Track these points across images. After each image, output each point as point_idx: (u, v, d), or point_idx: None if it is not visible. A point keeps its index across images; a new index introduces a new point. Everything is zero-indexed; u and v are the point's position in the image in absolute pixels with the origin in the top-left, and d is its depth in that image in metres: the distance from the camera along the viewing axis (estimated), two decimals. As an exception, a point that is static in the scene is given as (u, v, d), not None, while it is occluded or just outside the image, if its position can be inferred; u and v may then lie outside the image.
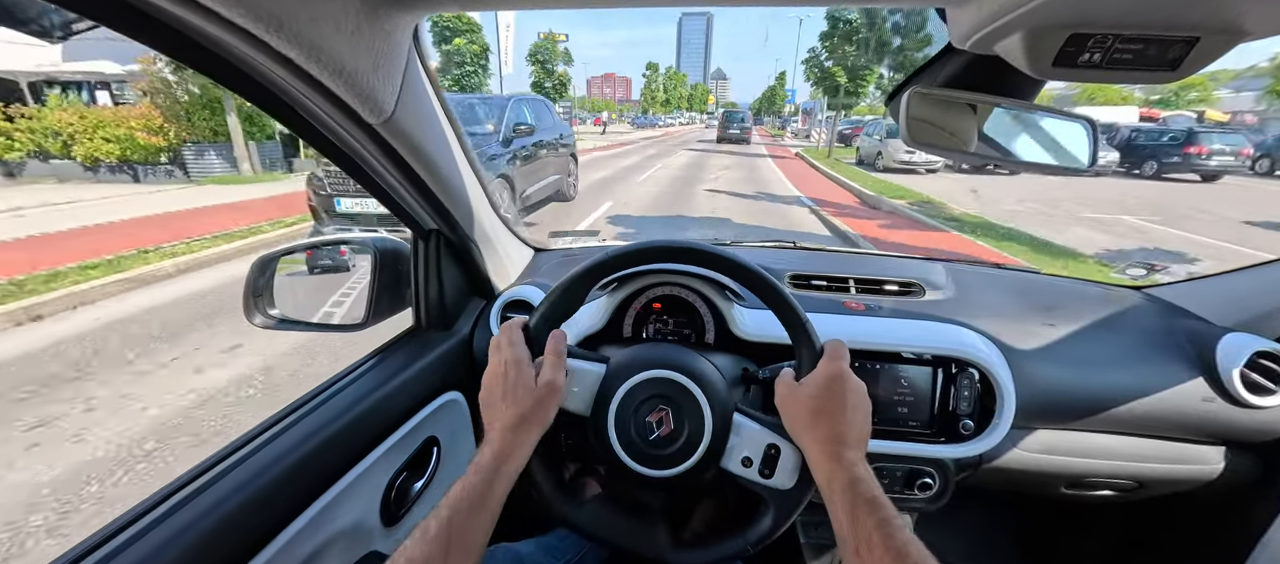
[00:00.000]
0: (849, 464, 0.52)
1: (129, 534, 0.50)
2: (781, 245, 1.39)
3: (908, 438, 0.91)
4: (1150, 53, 0.44)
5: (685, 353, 0.70)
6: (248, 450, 0.64)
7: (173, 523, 0.52)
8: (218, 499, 0.56)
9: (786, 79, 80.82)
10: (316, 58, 0.43)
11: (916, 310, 1.01)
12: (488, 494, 0.51)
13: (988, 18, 0.44)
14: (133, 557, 0.48)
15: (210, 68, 0.43)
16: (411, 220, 0.83)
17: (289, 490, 0.63)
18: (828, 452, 0.54)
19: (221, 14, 0.35)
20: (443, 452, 0.92)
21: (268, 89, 0.48)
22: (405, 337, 0.95)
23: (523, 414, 0.57)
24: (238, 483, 0.58)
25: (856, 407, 0.57)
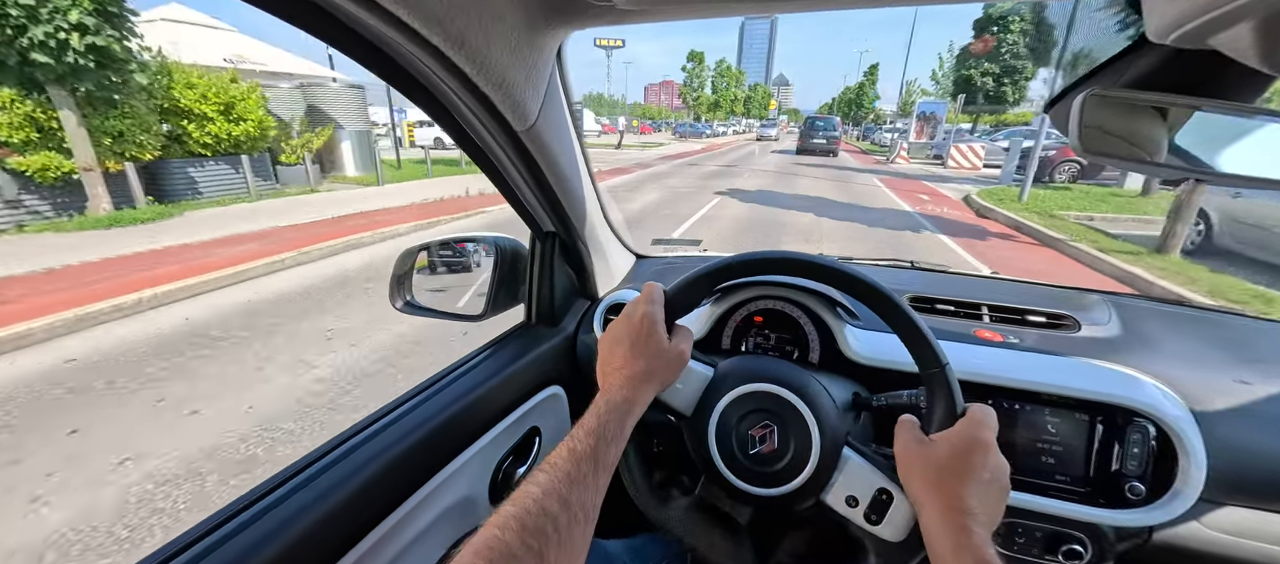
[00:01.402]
0: (979, 542, 0.46)
1: (277, 495, 0.57)
2: (897, 265, 1.29)
3: (1053, 494, 0.79)
4: None
5: (798, 371, 0.67)
6: (378, 427, 0.71)
7: (316, 487, 0.59)
8: (353, 469, 0.63)
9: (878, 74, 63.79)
10: (484, 71, 0.48)
11: (1069, 348, 0.88)
12: (619, 430, 0.52)
13: (1205, 6, 0.37)
14: (281, 515, 0.55)
15: (392, 75, 0.50)
16: (533, 221, 0.89)
17: (413, 465, 0.69)
18: (953, 521, 0.48)
19: (418, 30, 0.41)
20: (543, 441, 0.97)
21: (432, 94, 0.54)
22: (517, 331, 1.02)
23: (651, 369, 0.57)
24: (370, 455, 0.65)
25: (995, 485, 0.51)
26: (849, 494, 0.59)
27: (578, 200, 0.85)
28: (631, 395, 0.55)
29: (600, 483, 0.47)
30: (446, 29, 0.42)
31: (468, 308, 1.02)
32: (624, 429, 0.53)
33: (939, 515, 0.49)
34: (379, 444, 0.67)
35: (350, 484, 0.61)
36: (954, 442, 0.52)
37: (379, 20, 0.41)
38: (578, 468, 0.46)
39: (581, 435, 0.49)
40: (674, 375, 0.62)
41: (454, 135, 0.63)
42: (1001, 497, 0.52)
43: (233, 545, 0.51)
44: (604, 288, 1.12)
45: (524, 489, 0.43)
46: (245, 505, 0.56)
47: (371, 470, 0.63)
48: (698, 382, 0.66)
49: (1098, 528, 0.80)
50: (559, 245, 0.96)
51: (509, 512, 0.40)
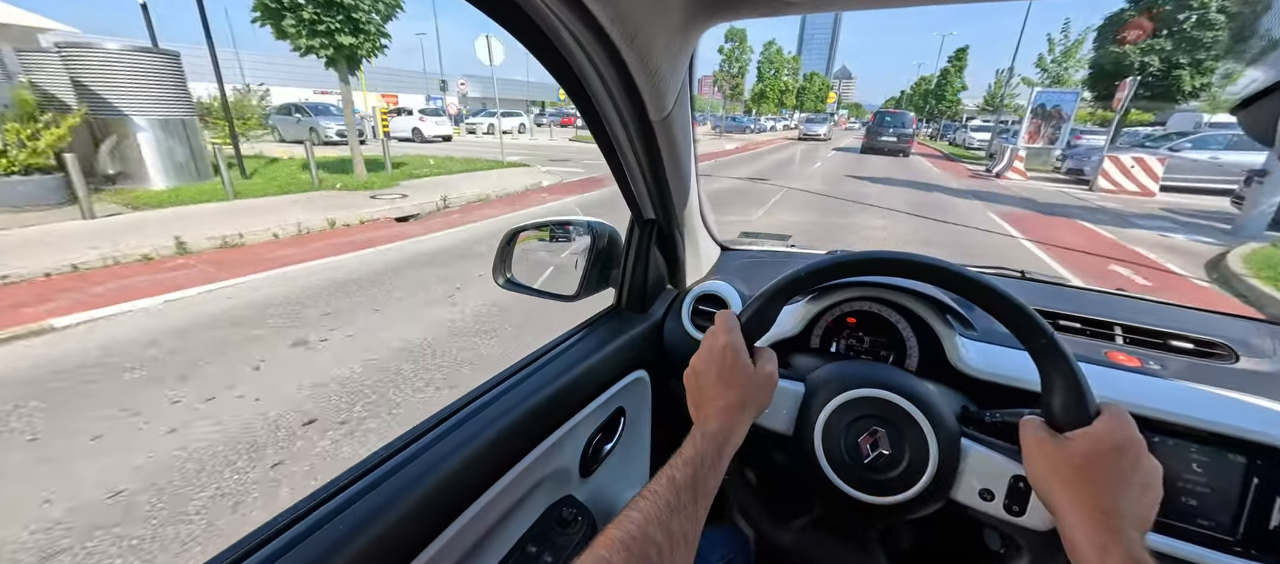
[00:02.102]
0: (1132, 544, 0.43)
1: (381, 472, 0.61)
2: (1003, 273, 1.19)
3: (1193, 539, 0.71)
4: None
5: (895, 372, 0.65)
6: (485, 401, 0.76)
7: (429, 457, 0.63)
8: (463, 440, 0.67)
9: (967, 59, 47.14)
10: (644, 62, 0.49)
11: (1225, 380, 0.77)
12: (717, 461, 0.53)
13: None
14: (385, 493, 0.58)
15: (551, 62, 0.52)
16: (637, 207, 0.91)
17: (514, 439, 0.74)
18: (1100, 526, 0.45)
19: (602, 25, 0.42)
20: (627, 421, 1.00)
21: (581, 80, 0.56)
22: (607, 314, 1.05)
23: (744, 398, 0.58)
24: (475, 431, 0.69)
25: (1147, 487, 0.47)
26: (982, 488, 0.57)
27: (683, 190, 0.86)
28: (728, 423, 0.56)
29: (700, 512, 0.48)
30: (625, 24, 0.43)
31: (561, 288, 1.06)
32: (722, 458, 0.53)
33: (1085, 517, 0.46)
34: (484, 419, 0.72)
35: (462, 454, 0.65)
36: (1099, 439, 0.48)
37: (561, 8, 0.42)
38: (678, 498, 0.47)
39: (680, 465, 0.50)
40: (767, 399, 0.61)
41: (589, 120, 0.65)
42: (1155, 503, 0.47)
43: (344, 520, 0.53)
44: (691, 278, 1.13)
45: (627, 515, 0.45)
46: (355, 478, 0.60)
47: (477, 444, 0.68)
48: (791, 399, 0.66)
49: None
50: (656, 233, 0.97)
51: (615, 536, 0.42)
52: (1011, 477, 0.55)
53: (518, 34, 0.49)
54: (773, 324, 0.66)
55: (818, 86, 76.49)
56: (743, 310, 0.66)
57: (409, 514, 0.57)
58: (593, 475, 0.92)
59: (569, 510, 0.84)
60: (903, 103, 76.12)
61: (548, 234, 1.09)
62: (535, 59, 0.53)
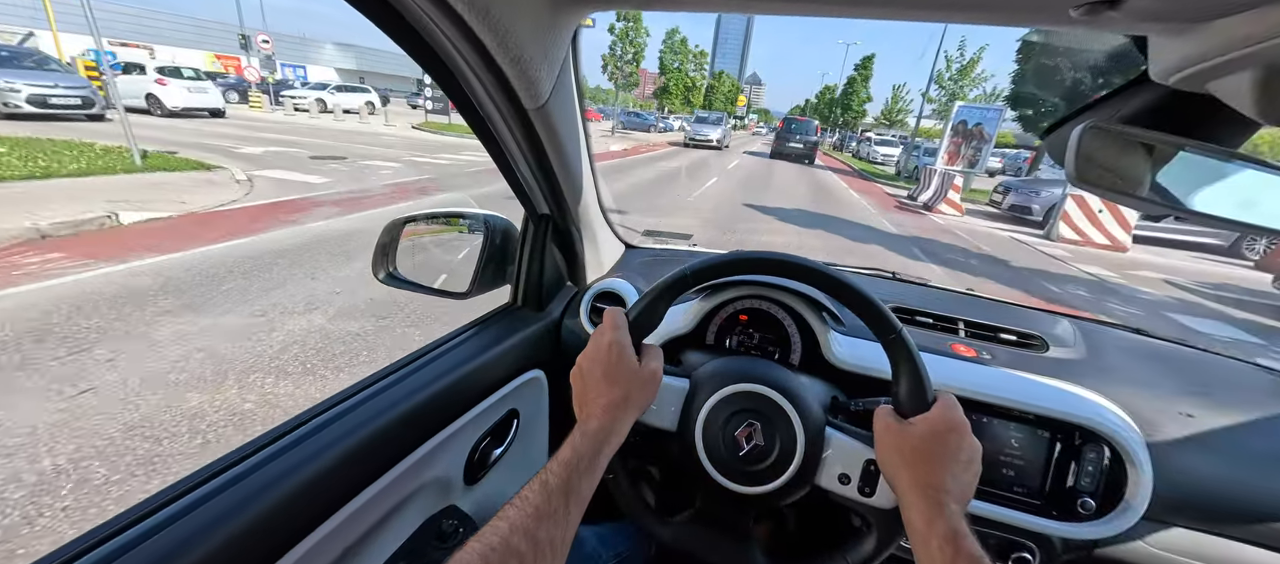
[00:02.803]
0: (952, 515, 0.49)
1: (240, 470, 0.55)
2: (878, 274, 1.32)
3: (1009, 504, 0.83)
4: None
5: (772, 367, 0.69)
6: (358, 400, 0.69)
7: (289, 459, 0.57)
8: (330, 441, 0.61)
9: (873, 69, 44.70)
10: (504, 44, 0.46)
11: (1038, 366, 0.91)
12: (595, 461, 0.53)
13: (1209, 53, 0.39)
14: (242, 492, 0.53)
15: (411, 44, 0.48)
16: (529, 202, 0.88)
17: (390, 442, 0.68)
18: (930, 498, 0.51)
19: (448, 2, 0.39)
20: (521, 424, 0.96)
21: (445, 63, 0.52)
22: (501, 312, 1.01)
23: (627, 395, 0.58)
24: (353, 426, 0.64)
25: (970, 464, 0.54)
26: (841, 472, 0.61)
27: (576, 185, 0.84)
28: (608, 424, 0.56)
29: (572, 516, 0.47)
30: (474, 7, 0.40)
31: (451, 285, 1.00)
32: (600, 457, 0.53)
33: (918, 492, 0.52)
34: (358, 417, 0.65)
35: (326, 456, 0.59)
36: (934, 424, 0.55)
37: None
38: (549, 502, 0.46)
39: (555, 468, 0.49)
40: (650, 397, 0.62)
41: (461, 108, 0.61)
42: (975, 477, 0.54)
43: (196, 517, 0.49)
44: (592, 276, 1.12)
45: (492, 524, 0.43)
46: (211, 475, 0.54)
47: (349, 444, 0.62)
48: (676, 396, 0.67)
49: (1048, 539, 0.84)
50: (552, 229, 0.95)
51: (475, 548, 0.40)
52: (864, 461, 0.60)
53: (371, 15, 0.45)
54: (661, 321, 0.67)
55: (728, 87, 69.29)
56: (631, 308, 0.66)
57: (260, 522, 0.51)
58: (480, 483, 0.87)
59: (450, 522, 0.79)
60: (807, 111, 75.75)
61: (437, 227, 1.01)
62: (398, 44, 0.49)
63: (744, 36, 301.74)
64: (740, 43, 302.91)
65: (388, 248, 0.94)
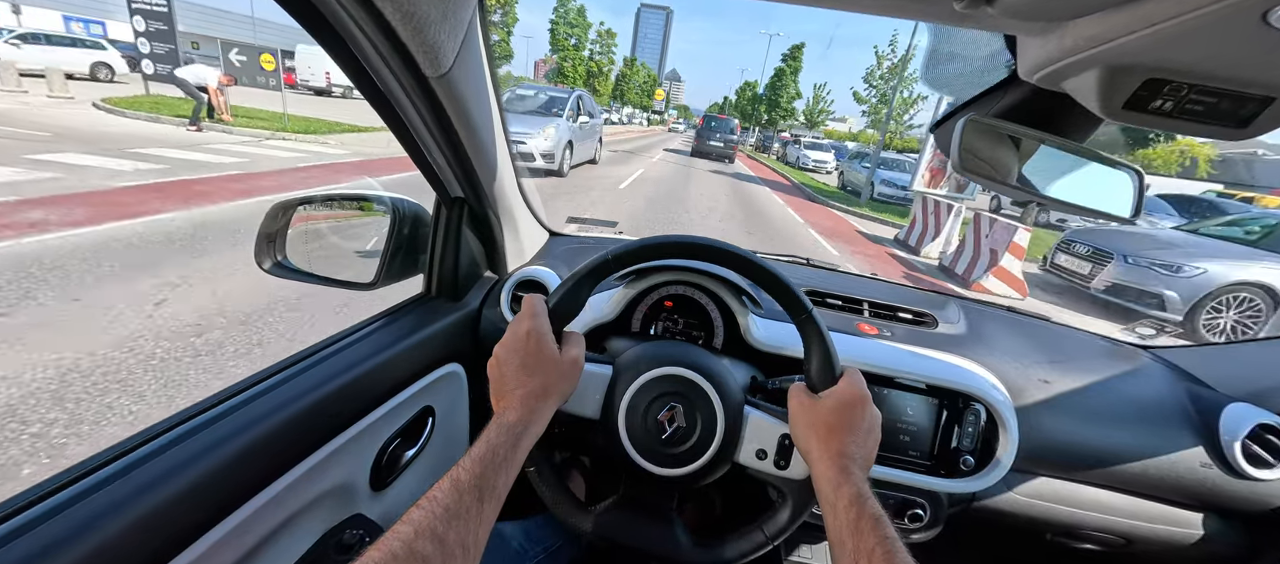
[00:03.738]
0: (857, 479, 0.53)
1: (109, 472, 0.48)
2: (794, 261, 1.39)
3: (905, 467, 0.91)
4: (1223, 107, 0.43)
5: (692, 350, 0.70)
6: (242, 400, 0.62)
7: (161, 463, 0.51)
8: (207, 445, 0.54)
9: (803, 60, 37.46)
10: (397, 5, 0.41)
11: (928, 341, 1.01)
12: (513, 454, 0.51)
13: (1066, 51, 0.44)
14: (108, 498, 0.46)
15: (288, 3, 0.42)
16: (441, 184, 0.82)
17: (279, 445, 0.61)
18: (837, 465, 0.54)
19: None
20: (437, 422, 0.90)
21: (335, 29, 0.46)
22: (413, 303, 0.94)
23: (546, 385, 0.57)
24: (234, 429, 0.57)
25: (871, 431, 0.58)
26: (758, 448, 0.64)
27: (491, 166, 0.79)
28: (525, 416, 0.54)
29: (486, 514, 0.45)
30: None
31: (355, 274, 0.91)
32: (518, 450, 0.52)
33: (827, 460, 0.55)
34: (241, 419, 0.58)
35: (202, 464, 0.52)
36: (840, 397, 0.58)
37: None
38: (459, 500, 0.43)
39: (468, 464, 0.47)
40: (571, 386, 0.61)
41: (355, 79, 0.55)
42: (876, 443, 0.59)
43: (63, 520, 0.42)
44: (514, 264, 1.07)
45: (397, 527, 0.40)
46: (58, 487, 0.46)
47: (230, 449, 0.55)
48: (599, 383, 0.66)
49: (936, 495, 0.93)
50: (468, 214, 0.89)
51: (373, 557, 0.37)
52: (779, 435, 0.63)
53: None
54: (582, 308, 0.65)
55: (643, 78, 58.67)
56: (551, 295, 0.64)
57: (120, 540, 0.44)
58: (390, 488, 0.81)
59: (354, 533, 0.73)
60: (727, 109, 70.33)
61: (335, 211, 0.92)
62: None
63: (663, 34, 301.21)
64: (660, 39, 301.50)
65: (274, 234, 0.84)
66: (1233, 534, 0.97)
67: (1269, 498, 0.91)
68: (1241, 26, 0.33)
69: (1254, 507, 0.92)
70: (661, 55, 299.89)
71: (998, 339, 1.07)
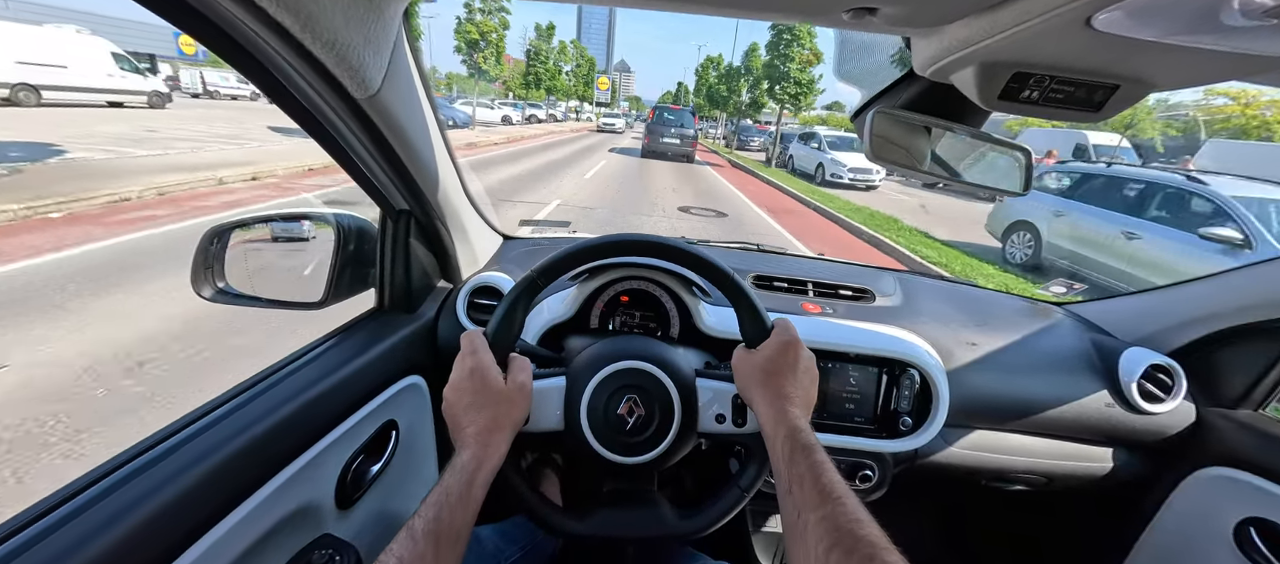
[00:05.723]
0: (793, 416, 0.57)
1: (67, 510, 0.48)
2: (746, 247, 1.45)
3: (853, 433, 0.98)
4: (1079, 95, 0.50)
5: (639, 341, 0.73)
6: (201, 427, 0.61)
7: (110, 504, 0.50)
8: (159, 482, 0.53)
9: None
10: (311, 29, 0.42)
11: (867, 314, 1.08)
12: (468, 494, 0.53)
13: (947, 50, 0.49)
14: (69, 536, 0.46)
15: (202, 33, 0.42)
16: (383, 199, 0.81)
17: (241, 471, 0.61)
18: (776, 406, 0.59)
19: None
20: (401, 436, 0.90)
21: (254, 56, 0.46)
22: (366, 318, 0.93)
23: (496, 418, 0.59)
24: (190, 460, 0.56)
25: (805, 372, 0.63)
26: (717, 413, 0.68)
27: (432, 176, 0.79)
28: (478, 452, 0.56)
29: (443, 556, 0.48)
30: None
31: (302, 294, 0.90)
32: (474, 488, 0.54)
33: (765, 403, 0.60)
34: (196, 450, 0.57)
35: (155, 501, 0.51)
36: (772, 345, 0.63)
37: None
38: (413, 549, 0.46)
39: (423, 511, 0.50)
40: (522, 412, 0.63)
41: (284, 105, 0.54)
42: (813, 383, 0.64)
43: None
44: (468, 271, 1.07)
45: None
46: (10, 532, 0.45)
47: (186, 482, 0.54)
48: (555, 396, 0.68)
49: (882, 455, 1.01)
50: (414, 225, 0.89)
51: None
52: (732, 396, 0.68)
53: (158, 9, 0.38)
54: (520, 328, 0.68)
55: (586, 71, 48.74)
56: (490, 325, 0.65)
57: None
58: (357, 505, 0.81)
59: (323, 553, 0.73)
60: (682, 97, 60.66)
61: (271, 232, 0.90)
62: None
63: (609, 22, 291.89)
64: (604, 30, 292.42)
65: (212, 259, 0.82)
66: (1136, 463, 1.09)
67: (1162, 428, 1.03)
68: (1074, 29, 0.39)
69: (1151, 437, 1.04)
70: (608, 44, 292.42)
71: (930, 307, 1.15)
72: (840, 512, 0.44)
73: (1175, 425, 1.03)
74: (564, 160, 14.80)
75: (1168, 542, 1.06)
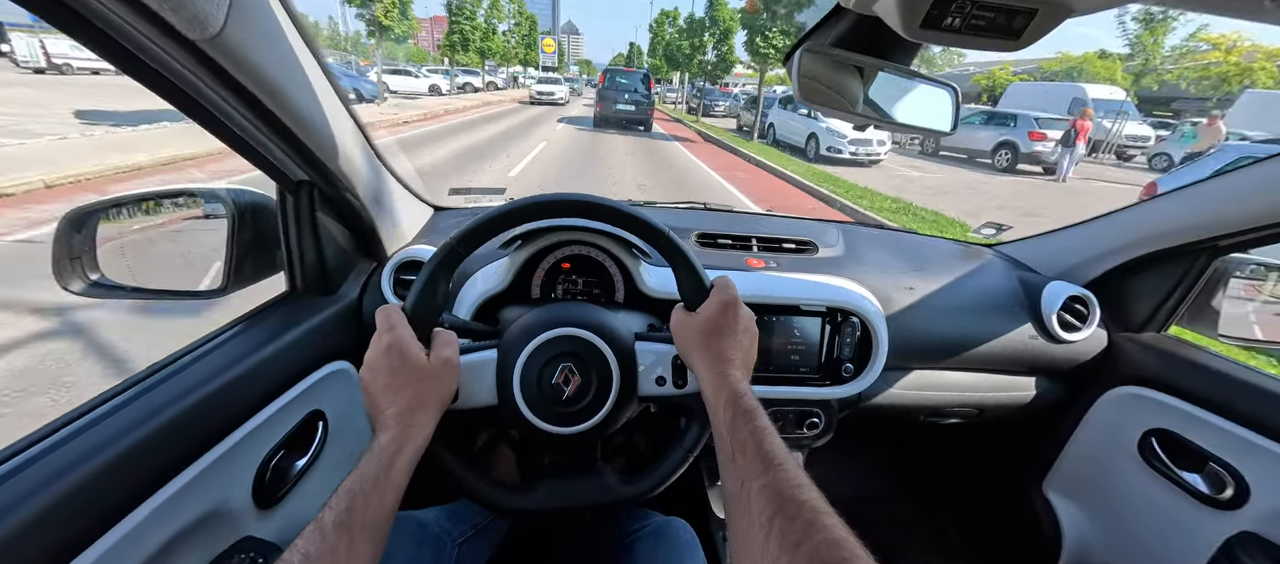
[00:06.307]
0: (733, 380, 0.56)
1: None
2: (692, 207, 1.42)
3: (799, 383, 0.99)
4: (999, 20, 0.48)
5: (572, 307, 0.70)
6: (78, 427, 0.54)
7: None
8: (37, 484, 0.47)
9: None
10: None
11: (810, 266, 1.09)
12: (385, 479, 0.49)
13: None
14: None
15: None
16: (275, 170, 0.72)
17: (131, 474, 0.55)
18: (716, 369, 0.58)
19: None
20: (330, 426, 0.84)
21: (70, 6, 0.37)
22: (277, 302, 0.85)
23: (418, 398, 0.55)
24: (65, 464, 0.50)
25: (745, 331, 0.62)
26: (657, 376, 0.67)
27: (329, 141, 0.71)
28: (398, 434, 0.52)
29: (357, 549, 0.44)
30: None
31: (198, 282, 0.80)
32: (393, 472, 0.50)
33: (706, 366, 0.58)
34: (72, 454, 0.51)
35: (25, 511, 0.45)
36: (711, 307, 0.62)
37: None
38: (322, 543, 0.42)
39: (334, 501, 0.46)
40: (448, 389, 0.59)
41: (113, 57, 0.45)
42: (753, 342, 0.63)
43: None
44: (394, 246, 1.00)
45: None
46: None
47: (59, 490, 0.48)
48: (486, 370, 0.65)
49: (827, 401, 1.04)
50: (319, 198, 0.80)
51: None
52: (671, 357, 0.67)
53: None
54: (444, 300, 0.63)
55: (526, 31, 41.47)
56: (408, 299, 0.60)
57: None
58: (283, 503, 0.75)
59: (245, 557, 0.67)
60: (634, 58, 56.38)
61: (152, 213, 0.79)
62: None
63: None
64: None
65: (77, 247, 0.71)
66: (1056, 389, 1.17)
67: (1078, 355, 1.10)
68: None
69: (1068, 364, 1.12)
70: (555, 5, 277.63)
71: (870, 255, 1.17)
72: (781, 478, 0.43)
73: (1090, 351, 1.11)
74: (490, 143, 11.21)
75: (1082, 457, 1.16)
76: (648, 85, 16.05)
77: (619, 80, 15.95)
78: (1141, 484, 1.02)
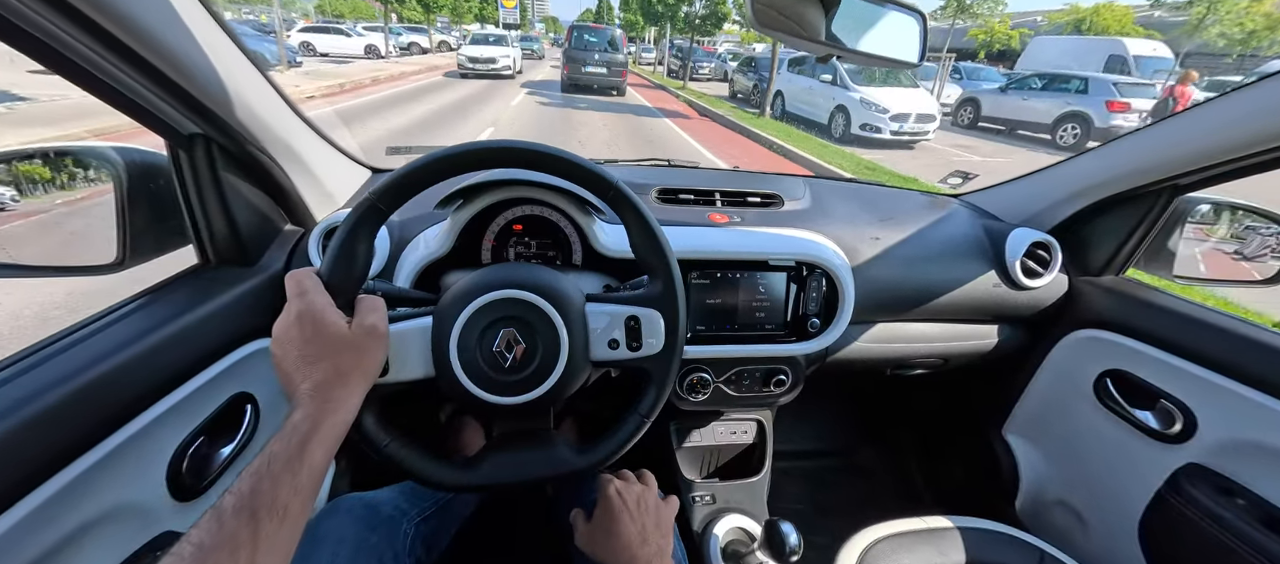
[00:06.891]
0: None
1: None
2: (656, 163, 1.35)
3: (765, 340, 0.96)
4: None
5: (516, 267, 0.65)
6: None
7: None
8: None
9: None
10: None
11: (776, 220, 1.04)
12: (298, 459, 0.43)
13: None
14: None
15: None
16: (155, 120, 0.62)
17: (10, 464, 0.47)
18: None
19: None
20: (263, 411, 0.78)
21: None
22: (185, 275, 0.76)
23: (337, 369, 0.49)
24: None
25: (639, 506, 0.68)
26: (609, 339, 0.62)
27: (218, 88, 0.61)
28: (314, 411, 0.46)
29: (267, 533, 0.39)
30: None
31: (89, 256, 0.71)
32: (307, 454, 0.44)
33: None
34: None
35: None
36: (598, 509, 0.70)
37: None
38: (220, 532, 0.38)
39: (236, 486, 0.41)
40: (375, 359, 0.53)
41: None
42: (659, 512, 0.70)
43: None
44: (323, 211, 0.91)
45: None
46: None
47: None
48: (420, 338, 0.59)
49: (794, 358, 1.01)
50: (222, 156, 0.71)
51: None
52: (625, 319, 0.63)
53: None
54: (365, 264, 0.55)
55: None
56: (323, 263, 0.53)
57: None
58: (206, 494, 0.69)
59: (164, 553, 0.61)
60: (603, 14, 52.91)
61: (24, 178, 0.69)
62: None
63: None
64: None
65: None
66: (1018, 335, 1.18)
67: (1040, 300, 1.11)
68: None
69: (1030, 310, 1.12)
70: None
71: (836, 208, 1.14)
72: None
73: (1051, 297, 1.11)
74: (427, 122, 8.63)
75: (1041, 398, 1.18)
76: (622, 42, 14.49)
77: (587, 38, 14.08)
78: (1095, 423, 1.05)
